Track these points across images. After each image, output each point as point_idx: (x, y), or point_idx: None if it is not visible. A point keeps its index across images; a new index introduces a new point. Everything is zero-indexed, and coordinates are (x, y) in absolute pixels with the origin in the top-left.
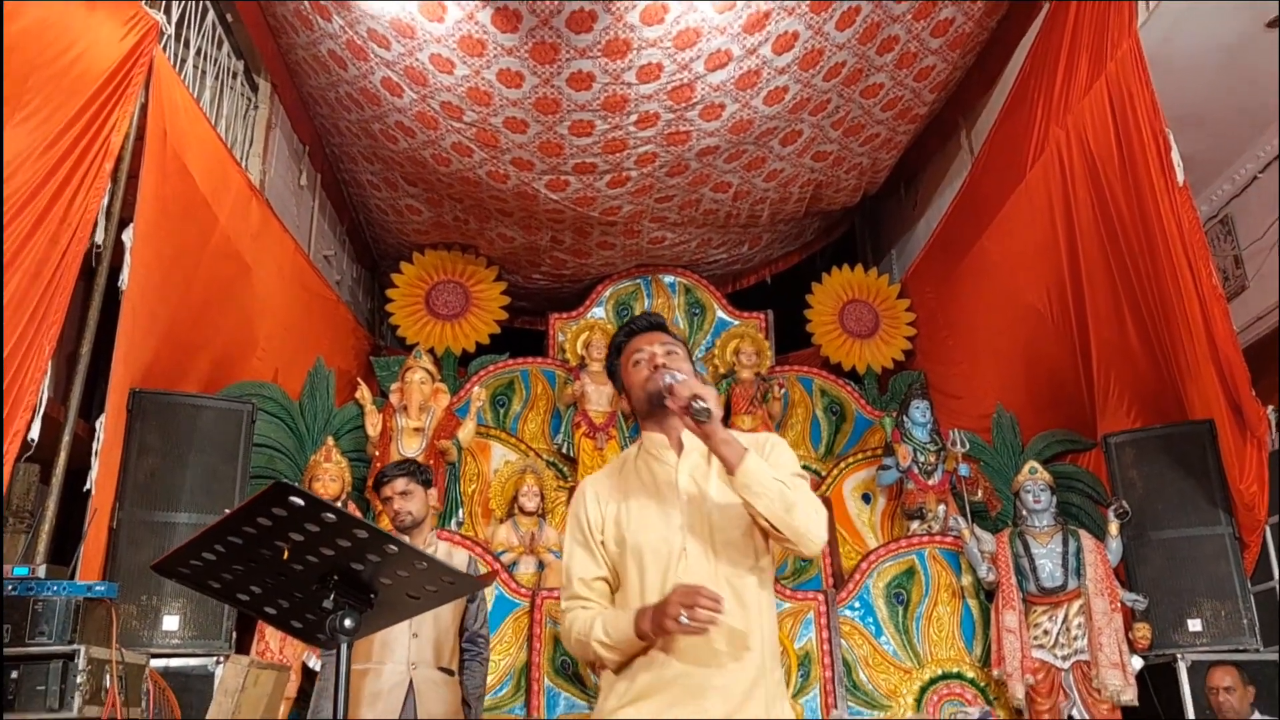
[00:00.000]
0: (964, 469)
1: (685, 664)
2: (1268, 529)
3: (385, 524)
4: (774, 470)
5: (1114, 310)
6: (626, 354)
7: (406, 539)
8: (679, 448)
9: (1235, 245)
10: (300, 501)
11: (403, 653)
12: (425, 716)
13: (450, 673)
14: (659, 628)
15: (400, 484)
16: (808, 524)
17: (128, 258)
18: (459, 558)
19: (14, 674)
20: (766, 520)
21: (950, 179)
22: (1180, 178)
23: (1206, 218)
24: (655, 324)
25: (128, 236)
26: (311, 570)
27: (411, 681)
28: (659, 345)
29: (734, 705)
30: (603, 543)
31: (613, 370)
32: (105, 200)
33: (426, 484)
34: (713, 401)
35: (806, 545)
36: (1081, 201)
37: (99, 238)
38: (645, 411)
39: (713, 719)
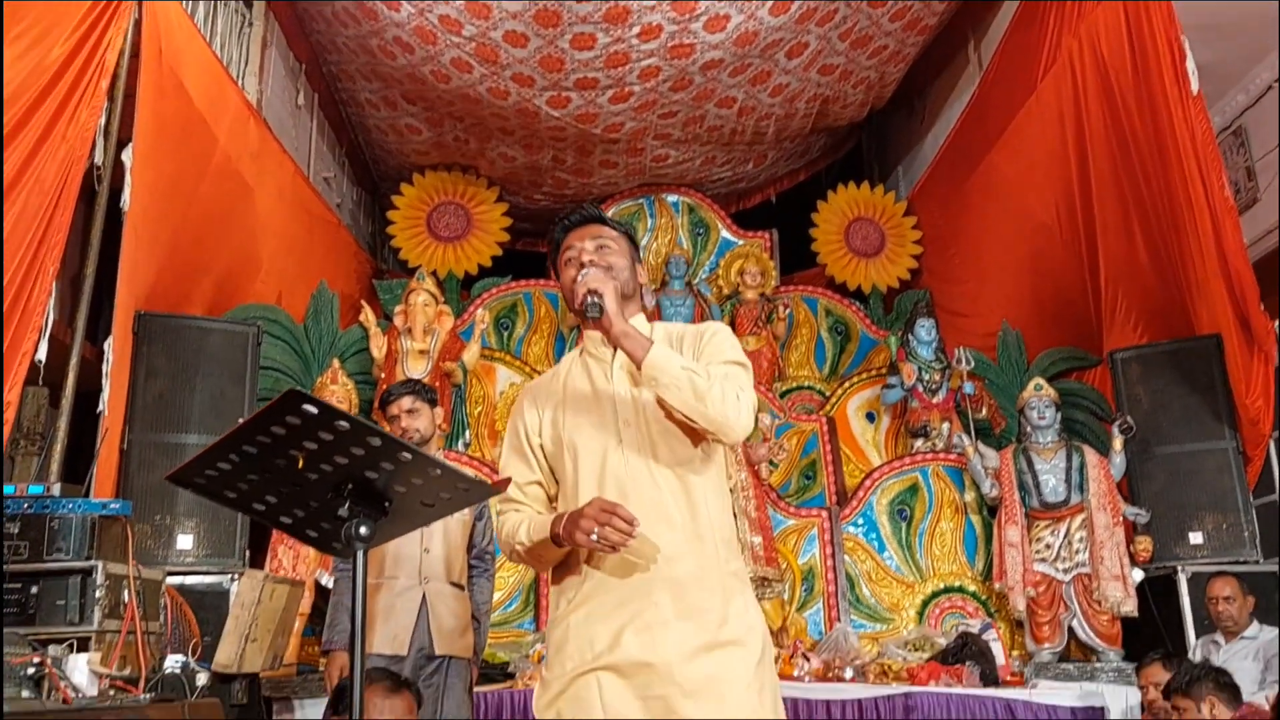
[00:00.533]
0: (969, 387)
1: (634, 559)
2: (1271, 443)
3: None
4: (703, 359)
5: (1123, 225)
6: (561, 253)
7: None
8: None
9: (1248, 157)
10: (313, 409)
11: (414, 567)
12: (437, 628)
13: (460, 587)
14: (570, 538)
15: (406, 402)
16: (723, 411)
17: (128, 178)
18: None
19: (34, 589)
20: (679, 412)
21: (959, 93)
22: (1194, 87)
23: (1219, 129)
24: (589, 217)
25: (127, 156)
26: (326, 479)
27: (424, 595)
28: (589, 240)
29: (685, 597)
30: (541, 445)
31: (554, 260)
32: (103, 119)
33: (432, 403)
34: (609, 295)
35: (725, 434)
36: (1093, 114)
37: (98, 158)
38: (578, 311)
39: (664, 615)
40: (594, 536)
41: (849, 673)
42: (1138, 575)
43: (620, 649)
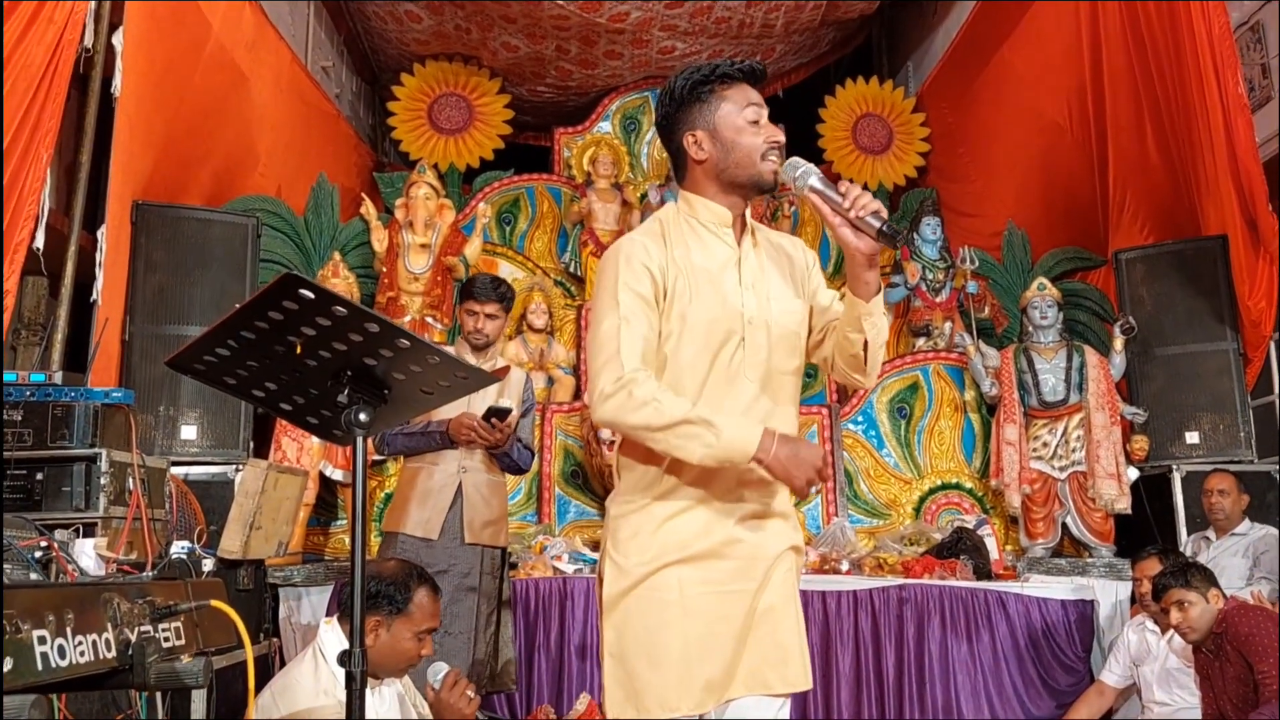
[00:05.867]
0: (972, 286)
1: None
2: (1271, 344)
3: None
4: (812, 287)
5: (1135, 122)
6: (734, 99)
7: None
8: (740, 230)
9: (1264, 54)
10: (310, 294)
11: (454, 457)
12: (469, 518)
13: (502, 480)
14: (793, 478)
15: (491, 308)
16: (880, 362)
17: (119, 63)
18: (517, 375)
19: (39, 475)
20: (859, 351)
21: None
22: None
23: (1237, 24)
24: (762, 75)
25: (118, 41)
26: (325, 366)
27: (461, 484)
28: (765, 111)
29: (767, 498)
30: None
31: (686, 98)
32: (93, 1)
33: (508, 311)
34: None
35: (870, 381)
36: (1108, 6)
37: (88, 40)
38: (732, 180)
39: (747, 512)
40: (812, 487)
41: (845, 565)
42: (1133, 474)
43: (705, 543)
